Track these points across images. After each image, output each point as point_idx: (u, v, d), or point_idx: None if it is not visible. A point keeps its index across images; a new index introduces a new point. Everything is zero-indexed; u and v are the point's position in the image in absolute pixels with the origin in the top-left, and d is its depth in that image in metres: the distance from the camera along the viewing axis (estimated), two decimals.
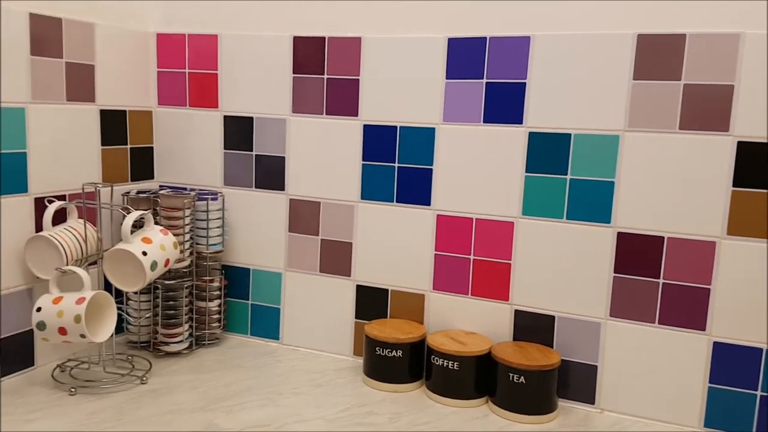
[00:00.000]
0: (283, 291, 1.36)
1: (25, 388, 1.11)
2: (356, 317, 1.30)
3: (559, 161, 1.11)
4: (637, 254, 1.08)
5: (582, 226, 1.11)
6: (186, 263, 1.28)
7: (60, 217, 1.17)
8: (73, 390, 1.10)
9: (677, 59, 1.02)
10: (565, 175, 1.11)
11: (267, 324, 1.38)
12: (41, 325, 1.07)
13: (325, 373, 1.24)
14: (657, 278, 1.07)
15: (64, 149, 1.21)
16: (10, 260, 1.12)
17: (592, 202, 1.10)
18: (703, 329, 1.05)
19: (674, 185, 1.05)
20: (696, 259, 1.04)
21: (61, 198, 1.19)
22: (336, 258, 1.30)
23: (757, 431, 1.03)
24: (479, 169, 1.17)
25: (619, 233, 1.09)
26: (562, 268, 1.13)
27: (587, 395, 1.13)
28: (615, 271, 1.10)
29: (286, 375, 1.22)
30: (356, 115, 1.25)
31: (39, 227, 1.15)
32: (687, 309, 1.06)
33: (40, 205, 1.16)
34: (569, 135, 1.10)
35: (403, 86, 1.21)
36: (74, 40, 1.20)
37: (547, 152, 1.12)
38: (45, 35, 1.14)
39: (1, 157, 1.09)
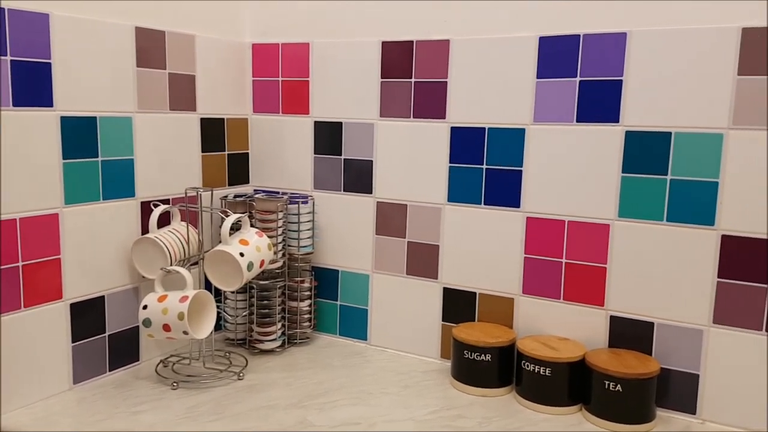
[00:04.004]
0: (371, 292, 1.37)
1: (132, 381, 1.18)
2: (443, 320, 1.30)
3: (658, 161, 1.07)
4: (743, 258, 1.02)
5: (683, 229, 1.06)
6: (279, 264, 1.32)
7: (164, 220, 1.24)
8: (175, 384, 1.16)
9: None
10: (666, 176, 1.07)
11: (355, 324, 1.40)
12: (147, 322, 1.13)
13: (412, 375, 1.24)
14: (764, 283, 1.01)
15: (167, 156, 1.27)
16: (118, 261, 1.19)
17: (695, 204, 1.05)
18: None
19: None
20: None
21: (165, 202, 1.26)
22: (423, 260, 1.31)
23: None
24: (572, 169, 1.14)
25: (723, 236, 1.04)
26: (662, 273, 1.09)
27: (688, 405, 1.08)
28: (719, 276, 1.04)
29: (375, 375, 1.24)
30: (444, 117, 1.25)
31: (145, 229, 1.22)
32: None
33: (146, 208, 1.23)
34: (669, 134, 1.06)
35: (491, 87, 1.20)
36: (176, 52, 1.27)
37: (646, 152, 1.08)
38: (149, 47, 1.21)
39: (110, 163, 1.16)
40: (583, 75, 1.11)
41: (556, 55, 1.13)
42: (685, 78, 1.04)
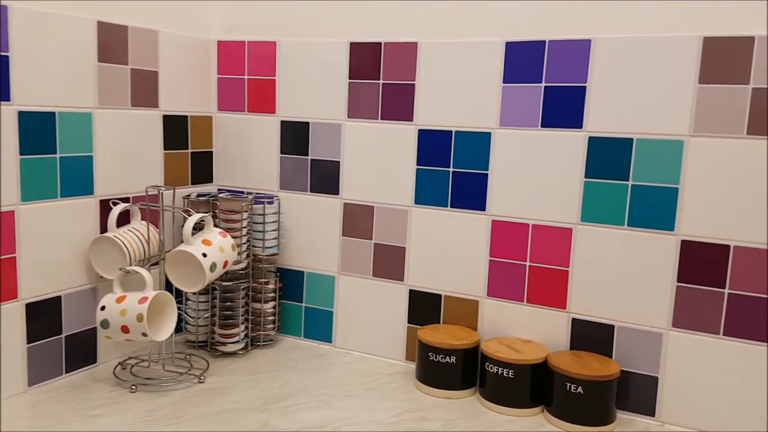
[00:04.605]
0: (337, 294, 1.36)
1: (88, 384, 1.15)
2: (409, 322, 1.30)
3: (620, 166, 1.09)
4: (701, 263, 1.05)
5: (644, 234, 1.08)
6: (243, 265, 1.30)
7: (124, 219, 1.21)
8: (133, 387, 1.13)
9: (745, 62, 0.99)
10: (627, 181, 1.09)
11: (320, 326, 1.39)
12: (105, 324, 1.10)
13: (377, 377, 1.24)
14: (722, 288, 1.04)
15: (128, 153, 1.24)
16: (76, 260, 1.16)
17: (655, 209, 1.07)
18: None
19: (741, 193, 1.01)
20: (764, 269, 1.01)
21: (125, 200, 1.23)
22: (389, 262, 1.30)
23: None
24: (537, 174, 1.16)
25: (682, 241, 1.06)
26: (623, 277, 1.11)
27: (647, 407, 1.10)
28: (678, 281, 1.06)
29: (340, 378, 1.23)
30: (411, 119, 1.25)
31: (104, 228, 1.19)
32: (753, 320, 1.02)
33: (105, 206, 1.20)
34: (631, 140, 1.08)
35: (459, 91, 1.20)
36: (139, 47, 1.24)
37: (608, 157, 1.09)
38: (111, 42, 1.18)
39: (69, 160, 1.13)
40: (548, 81, 1.13)
41: (522, 60, 1.14)
42: (647, 85, 1.06)
